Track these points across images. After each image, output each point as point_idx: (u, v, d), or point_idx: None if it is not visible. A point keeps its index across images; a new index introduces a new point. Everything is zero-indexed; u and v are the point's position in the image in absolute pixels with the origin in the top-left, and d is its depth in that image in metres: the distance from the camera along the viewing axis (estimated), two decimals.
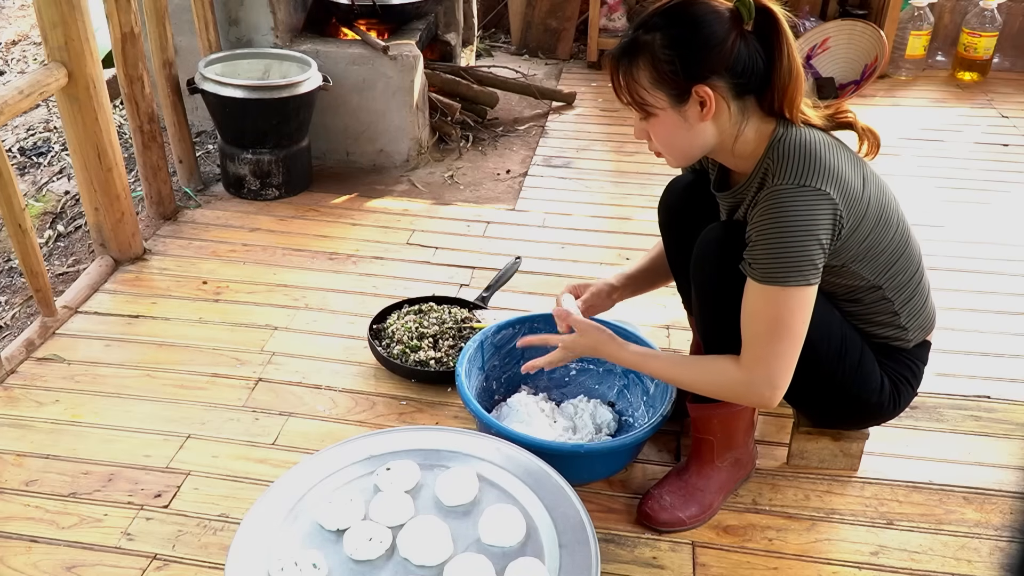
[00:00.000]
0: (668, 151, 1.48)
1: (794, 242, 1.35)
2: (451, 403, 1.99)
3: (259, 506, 1.48)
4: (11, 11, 5.03)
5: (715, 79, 1.37)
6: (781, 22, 1.38)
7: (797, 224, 1.35)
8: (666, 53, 1.37)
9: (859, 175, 1.43)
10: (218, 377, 2.07)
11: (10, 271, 2.67)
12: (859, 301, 1.53)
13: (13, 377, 2.05)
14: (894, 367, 1.60)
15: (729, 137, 1.44)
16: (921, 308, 1.58)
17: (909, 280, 1.54)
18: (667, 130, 1.44)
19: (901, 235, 1.51)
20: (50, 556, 1.60)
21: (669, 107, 1.41)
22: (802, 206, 1.35)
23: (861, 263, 1.46)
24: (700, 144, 1.45)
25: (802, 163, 1.37)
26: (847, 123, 1.49)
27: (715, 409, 1.64)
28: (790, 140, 1.40)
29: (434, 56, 3.69)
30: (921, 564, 1.61)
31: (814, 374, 1.53)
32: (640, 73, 1.40)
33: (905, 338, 1.58)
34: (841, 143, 1.48)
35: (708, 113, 1.39)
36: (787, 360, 1.42)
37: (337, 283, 2.47)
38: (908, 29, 4.02)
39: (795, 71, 1.40)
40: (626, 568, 1.59)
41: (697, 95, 1.38)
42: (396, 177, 3.13)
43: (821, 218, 1.36)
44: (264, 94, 2.73)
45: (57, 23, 2.12)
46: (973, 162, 3.31)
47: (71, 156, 2.37)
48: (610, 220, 2.86)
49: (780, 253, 1.36)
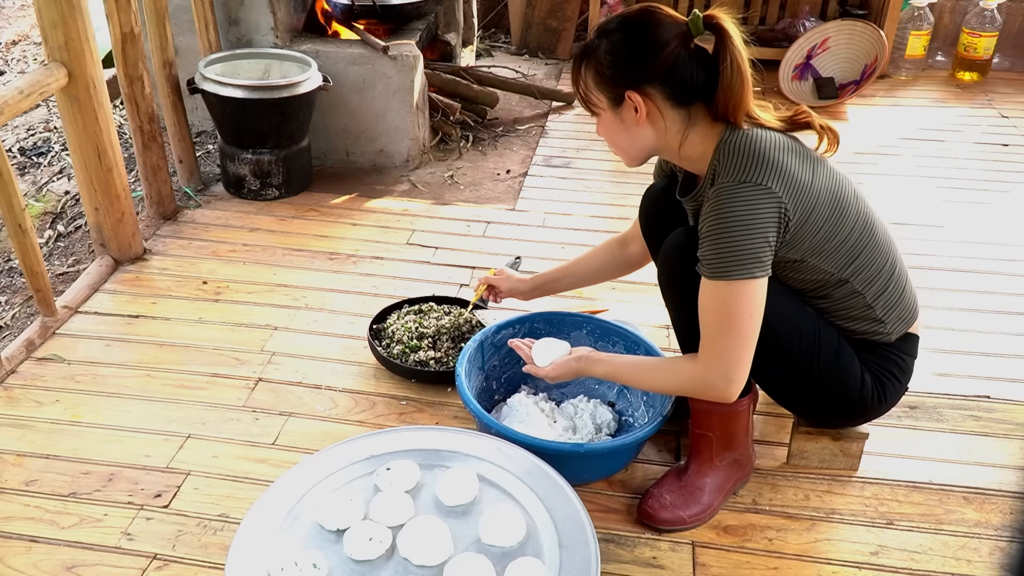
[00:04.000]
0: (613, 148, 1.60)
1: (736, 236, 1.40)
2: (451, 403, 1.99)
3: (259, 506, 1.49)
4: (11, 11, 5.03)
5: (648, 87, 1.47)
6: (729, 37, 1.44)
7: (738, 219, 1.40)
8: (606, 58, 1.48)
9: (809, 169, 1.47)
10: (218, 377, 2.07)
11: (10, 271, 2.67)
12: (829, 296, 1.56)
13: (13, 377, 2.05)
14: (877, 362, 1.61)
15: (673, 141, 1.51)
16: (897, 300, 1.59)
17: (879, 272, 1.55)
18: (608, 129, 1.56)
19: (863, 227, 1.53)
20: (50, 556, 1.60)
21: (608, 109, 1.52)
22: (743, 201, 1.40)
23: (820, 256, 1.49)
24: (640, 145, 1.55)
25: (744, 160, 1.43)
26: (805, 123, 1.53)
27: (715, 405, 1.64)
28: (735, 141, 1.46)
29: (434, 56, 3.69)
30: (921, 564, 1.61)
31: (789, 370, 1.57)
32: (587, 74, 1.52)
33: (884, 331, 1.59)
34: (795, 140, 1.52)
35: (641, 118, 1.49)
36: (739, 353, 1.46)
37: (337, 283, 2.47)
38: (908, 29, 4.03)
39: (742, 80, 1.45)
40: (626, 568, 1.59)
41: (630, 100, 1.48)
42: (396, 177, 3.13)
43: (763, 212, 1.40)
44: (264, 94, 2.73)
45: (57, 23, 2.12)
46: (973, 162, 3.31)
47: (71, 156, 2.37)
48: (610, 220, 2.85)
49: (723, 248, 1.41)
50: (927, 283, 2.49)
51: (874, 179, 3.13)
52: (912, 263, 2.61)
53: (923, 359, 1.69)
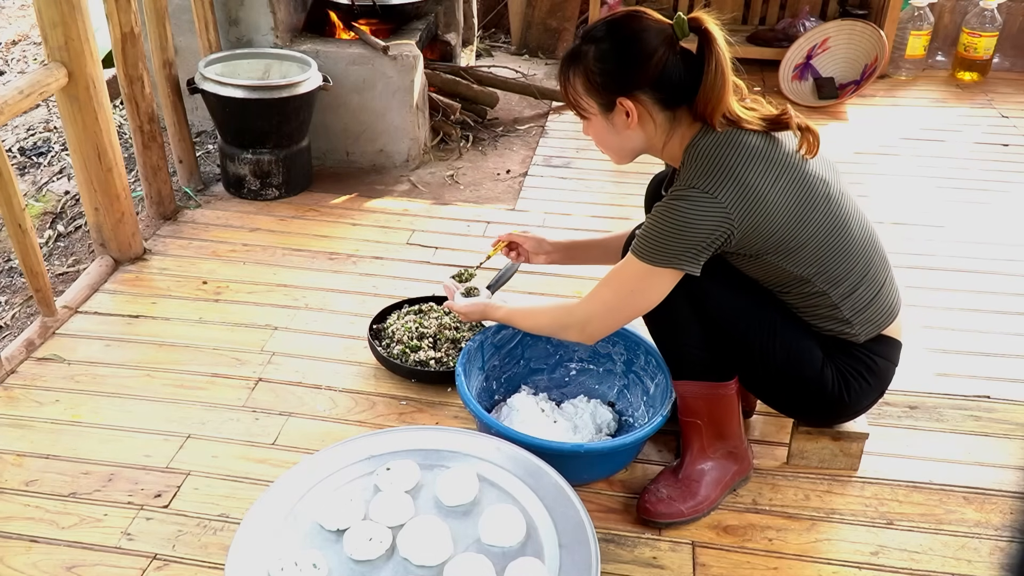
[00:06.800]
0: (603, 150, 1.64)
1: (669, 231, 1.47)
2: (451, 403, 1.99)
3: (259, 506, 1.49)
4: (11, 11, 5.03)
5: (639, 93, 1.50)
6: (713, 39, 1.46)
7: (677, 217, 1.46)
8: (596, 65, 1.51)
9: (772, 175, 1.48)
10: (218, 377, 2.07)
11: (10, 271, 2.67)
12: (792, 292, 1.58)
13: (13, 377, 2.05)
14: (846, 360, 1.61)
15: (659, 142, 1.56)
16: (869, 303, 1.59)
17: (846, 274, 1.55)
18: (598, 133, 1.60)
19: (829, 228, 1.53)
20: (50, 556, 1.60)
21: (599, 114, 1.56)
22: (687, 205, 1.46)
23: (778, 255, 1.52)
24: (629, 147, 1.59)
25: (702, 167, 1.48)
26: (785, 123, 1.54)
27: (698, 387, 1.66)
28: (702, 145, 1.50)
29: (434, 56, 3.69)
30: (921, 564, 1.61)
31: (746, 353, 1.60)
32: (576, 80, 1.54)
33: (852, 332, 1.59)
34: (771, 141, 1.52)
35: (632, 123, 1.53)
36: (610, 313, 1.59)
37: (337, 283, 2.47)
38: (908, 29, 4.03)
39: (723, 83, 1.47)
40: (626, 568, 1.59)
41: (622, 106, 1.51)
42: (396, 177, 3.13)
43: (705, 219, 1.45)
44: (264, 94, 2.73)
45: (57, 23, 2.12)
46: (973, 162, 3.31)
47: (71, 156, 2.37)
48: (610, 220, 2.85)
49: (654, 235, 1.49)
50: (927, 283, 2.49)
51: (874, 179, 3.13)
52: (912, 263, 2.63)
53: (923, 359, 1.69)
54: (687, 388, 1.67)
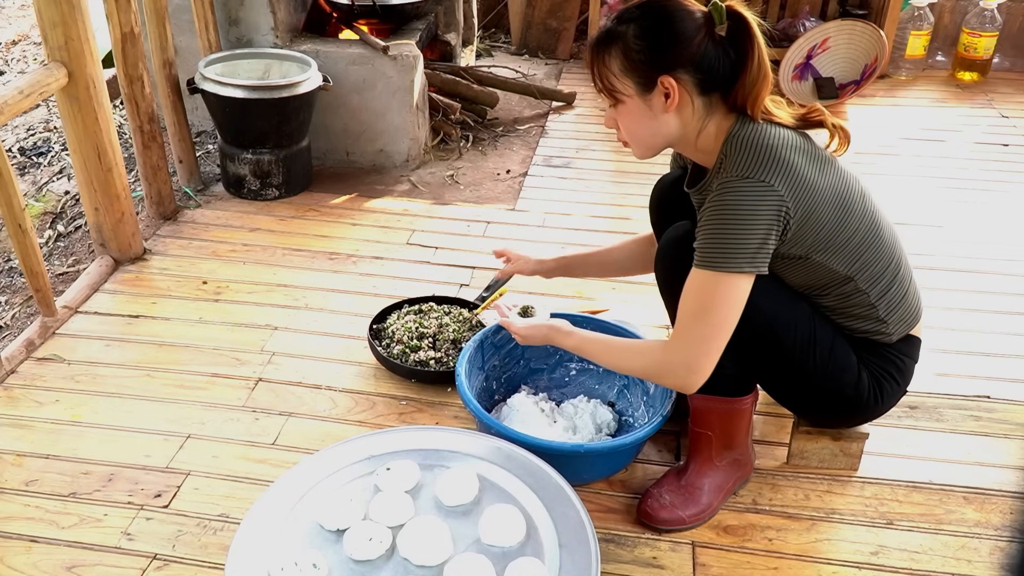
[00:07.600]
0: (632, 139, 1.54)
1: (733, 230, 1.40)
2: (451, 403, 1.99)
3: (259, 506, 1.49)
4: (11, 11, 5.03)
5: (680, 72, 1.44)
6: (752, 28, 1.43)
7: (738, 213, 1.40)
8: (637, 43, 1.44)
9: (816, 168, 1.47)
10: (218, 377, 2.07)
11: (10, 271, 2.67)
12: (832, 294, 1.55)
13: (13, 377, 2.05)
14: (877, 362, 1.60)
15: (692, 131, 1.49)
16: (900, 300, 1.58)
17: (884, 271, 1.55)
18: (633, 118, 1.50)
19: (868, 225, 1.53)
20: (50, 556, 1.60)
21: (636, 95, 1.47)
22: (745, 196, 1.40)
23: (825, 253, 1.49)
24: (664, 134, 1.50)
25: (749, 156, 1.42)
26: (818, 121, 1.53)
27: (715, 402, 1.64)
28: (743, 135, 1.45)
29: (434, 56, 3.69)
30: (921, 564, 1.61)
31: (785, 366, 1.56)
32: (612, 60, 1.47)
33: (886, 332, 1.59)
34: (806, 138, 1.51)
35: (672, 104, 1.45)
36: (709, 345, 1.45)
37: (337, 283, 2.47)
38: (908, 29, 4.03)
39: (763, 74, 1.45)
40: (626, 568, 1.59)
41: (662, 85, 1.45)
42: (396, 177, 3.13)
43: (764, 209, 1.40)
44: (264, 94, 2.73)
45: (57, 23, 2.12)
46: (973, 162, 3.31)
47: (71, 156, 2.37)
48: (610, 220, 2.86)
49: (718, 239, 1.41)
50: (927, 283, 2.48)
51: (874, 179, 3.13)
52: (912, 263, 2.61)
53: (923, 359, 1.69)
54: (703, 402, 1.66)
